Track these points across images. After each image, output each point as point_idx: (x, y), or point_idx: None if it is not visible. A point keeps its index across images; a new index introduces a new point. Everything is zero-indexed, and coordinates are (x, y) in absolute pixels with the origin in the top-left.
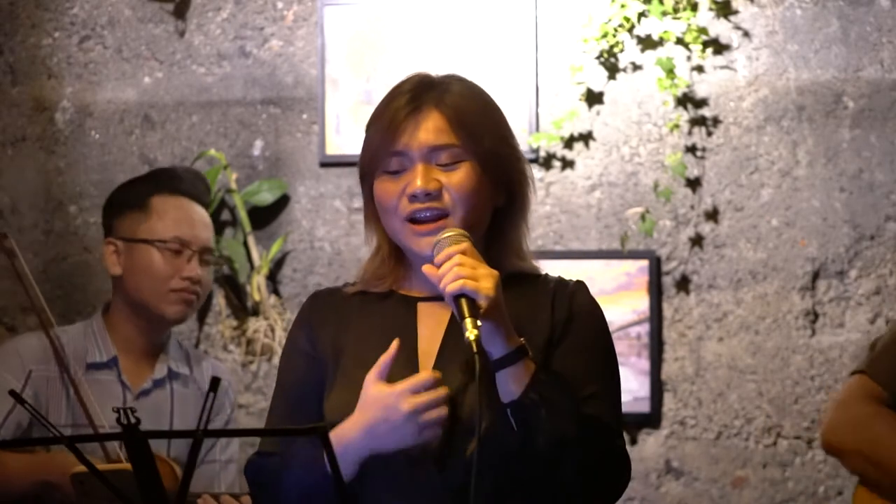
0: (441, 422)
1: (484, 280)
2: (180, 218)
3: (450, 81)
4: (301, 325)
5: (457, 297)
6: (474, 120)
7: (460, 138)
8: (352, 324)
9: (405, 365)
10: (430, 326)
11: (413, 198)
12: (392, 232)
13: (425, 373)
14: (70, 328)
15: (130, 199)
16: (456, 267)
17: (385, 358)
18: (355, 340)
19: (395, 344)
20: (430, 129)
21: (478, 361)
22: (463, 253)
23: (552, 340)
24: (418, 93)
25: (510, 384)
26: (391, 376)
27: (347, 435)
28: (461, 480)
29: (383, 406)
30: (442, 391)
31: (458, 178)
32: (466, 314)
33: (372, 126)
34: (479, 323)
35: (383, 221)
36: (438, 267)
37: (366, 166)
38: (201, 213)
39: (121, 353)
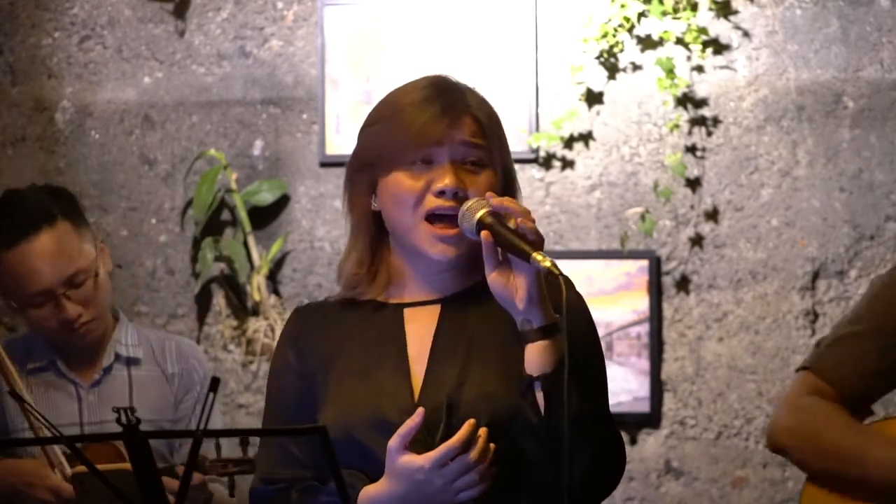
0: (473, 483)
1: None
2: (25, 273)
3: (467, 89)
4: (287, 342)
5: (516, 235)
6: (499, 132)
7: (489, 144)
8: (339, 333)
9: (396, 372)
10: (419, 329)
11: (441, 194)
12: (402, 228)
13: (452, 442)
14: (25, 335)
15: None
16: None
17: (408, 426)
18: (344, 351)
19: (419, 412)
20: (464, 129)
21: (564, 283)
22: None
23: None
24: (445, 93)
25: (542, 356)
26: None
27: (380, 500)
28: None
29: (415, 481)
30: (473, 455)
31: (483, 183)
32: (529, 249)
33: (387, 121)
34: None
35: (392, 216)
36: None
37: (373, 159)
38: (47, 247)
39: (65, 351)
